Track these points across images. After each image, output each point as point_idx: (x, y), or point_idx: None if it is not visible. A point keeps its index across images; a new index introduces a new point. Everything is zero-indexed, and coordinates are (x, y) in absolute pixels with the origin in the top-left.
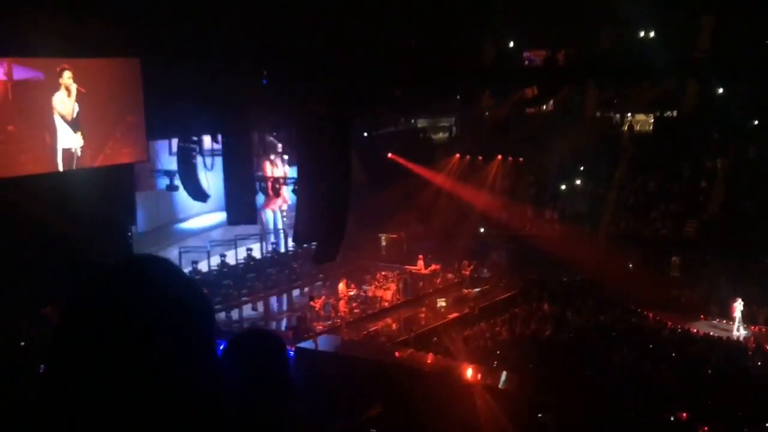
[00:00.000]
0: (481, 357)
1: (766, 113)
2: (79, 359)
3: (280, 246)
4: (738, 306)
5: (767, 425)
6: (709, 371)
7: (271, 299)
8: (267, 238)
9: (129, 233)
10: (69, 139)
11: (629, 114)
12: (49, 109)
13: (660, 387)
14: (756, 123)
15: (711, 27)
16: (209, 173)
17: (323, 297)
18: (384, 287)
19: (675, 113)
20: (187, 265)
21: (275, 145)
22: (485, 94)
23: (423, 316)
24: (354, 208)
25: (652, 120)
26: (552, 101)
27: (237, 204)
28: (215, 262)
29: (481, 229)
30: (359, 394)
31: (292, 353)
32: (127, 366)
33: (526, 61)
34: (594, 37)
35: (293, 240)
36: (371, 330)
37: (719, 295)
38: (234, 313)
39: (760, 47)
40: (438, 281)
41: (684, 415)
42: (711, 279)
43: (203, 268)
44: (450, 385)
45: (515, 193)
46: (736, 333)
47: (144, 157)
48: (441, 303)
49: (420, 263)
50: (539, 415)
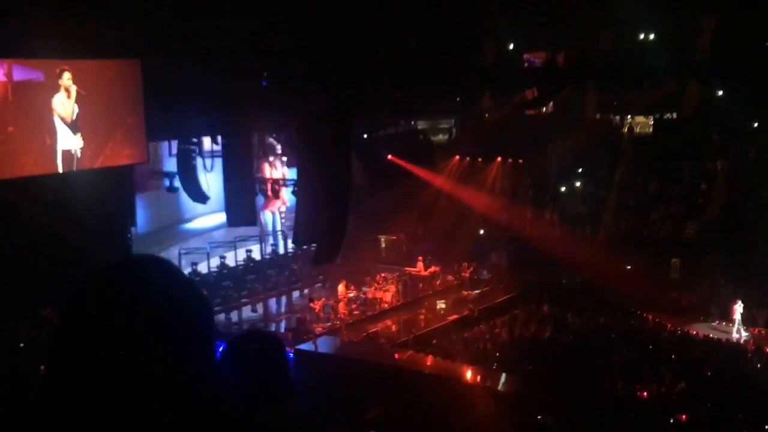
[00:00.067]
0: (481, 359)
1: (766, 115)
2: (79, 360)
3: (278, 248)
4: (738, 308)
5: (767, 427)
6: (709, 373)
7: (271, 301)
8: (266, 239)
9: (129, 235)
10: (69, 141)
11: (629, 116)
12: (49, 111)
13: (659, 388)
14: (756, 125)
15: (711, 28)
16: (209, 175)
17: (323, 298)
18: (384, 289)
19: (675, 115)
20: (187, 267)
21: (274, 147)
22: (485, 95)
23: (423, 317)
24: (354, 209)
25: (652, 122)
26: (552, 103)
27: (237, 205)
28: (215, 263)
29: (481, 231)
30: (359, 395)
31: (291, 355)
32: (127, 367)
33: (526, 63)
34: (594, 39)
35: (293, 241)
36: (371, 332)
37: (719, 297)
38: (233, 315)
39: (760, 49)
40: (438, 283)
41: (683, 417)
42: (711, 281)
43: (203, 269)
44: (450, 387)
45: (515, 195)
46: (735, 335)
47: (144, 159)
48: (441, 305)
49: (420, 265)
50: (539, 417)
